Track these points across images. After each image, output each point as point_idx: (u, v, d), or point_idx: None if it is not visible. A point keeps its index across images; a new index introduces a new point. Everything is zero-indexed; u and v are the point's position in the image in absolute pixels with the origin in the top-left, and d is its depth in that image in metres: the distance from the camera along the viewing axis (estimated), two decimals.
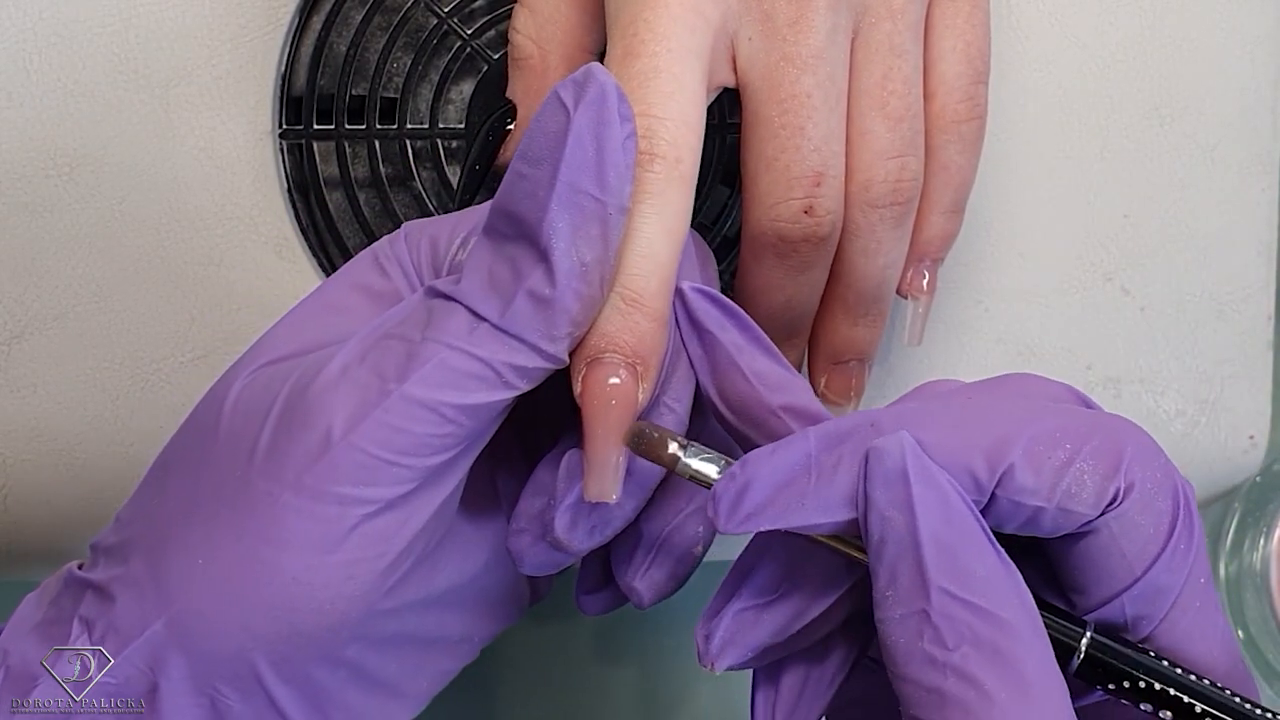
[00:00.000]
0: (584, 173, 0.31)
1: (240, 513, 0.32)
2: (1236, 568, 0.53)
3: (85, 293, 0.43)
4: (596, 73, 0.31)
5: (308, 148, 0.44)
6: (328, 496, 0.32)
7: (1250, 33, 0.47)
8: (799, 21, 0.37)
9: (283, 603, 0.32)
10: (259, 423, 0.32)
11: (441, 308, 0.32)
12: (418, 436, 0.32)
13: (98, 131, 0.43)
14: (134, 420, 0.44)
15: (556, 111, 0.31)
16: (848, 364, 0.41)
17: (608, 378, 0.33)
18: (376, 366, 0.32)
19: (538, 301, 0.32)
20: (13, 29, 0.42)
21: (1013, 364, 0.47)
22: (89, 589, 0.34)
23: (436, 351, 0.32)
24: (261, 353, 0.34)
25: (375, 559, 0.33)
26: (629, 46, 0.35)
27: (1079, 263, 0.47)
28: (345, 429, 0.31)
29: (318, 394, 0.32)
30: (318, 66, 0.44)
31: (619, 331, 0.33)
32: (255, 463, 0.32)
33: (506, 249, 0.32)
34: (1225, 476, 0.50)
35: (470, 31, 0.44)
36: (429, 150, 0.44)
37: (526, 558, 0.35)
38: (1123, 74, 0.47)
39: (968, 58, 0.40)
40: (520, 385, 0.32)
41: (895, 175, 0.38)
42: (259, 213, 0.44)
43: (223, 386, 0.34)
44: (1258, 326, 0.49)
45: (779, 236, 0.38)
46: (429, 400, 0.32)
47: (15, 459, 0.44)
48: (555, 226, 0.31)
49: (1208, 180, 0.48)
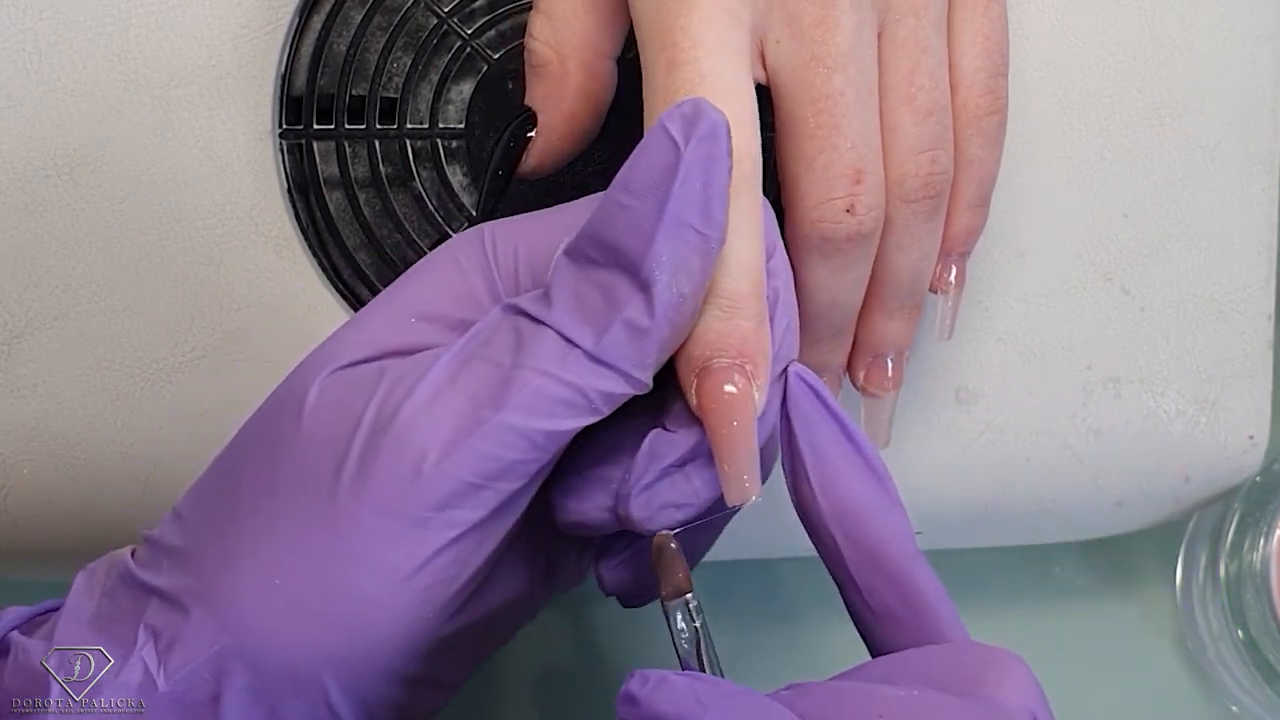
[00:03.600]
0: (691, 207, 0.32)
1: (323, 532, 0.32)
2: (1236, 568, 0.53)
3: (85, 293, 0.43)
4: (706, 108, 0.32)
5: (308, 148, 0.44)
6: (416, 520, 0.32)
7: (1250, 33, 0.47)
8: (825, 21, 0.37)
9: (358, 623, 0.32)
10: (344, 439, 0.32)
11: (531, 331, 0.32)
12: (507, 462, 0.32)
13: (98, 131, 0.43)
14: (134, 420, 0.44)
15: (664, 145, 0.32)
16: (885, 356, 0.41)
17: (724, 386, 0.33)
18: (469, 392, 0.32)
19: (634, 331, 0.32)
20: (13, 29, 0.42)
21: (1013, 364, 0.47)
22: (154, 595, 0.34)
23: (531, 379, 0.32)
24: (337, 354, 0.34)
25: (451, 581, 0.33)
26: (672, 56, 0.35)
27: (1079, 263, 0.47)
28: (440, 455, 0.32)
29: (410, 418, 0.32)
30: (318, 66, 0.44)
31: (723, 336, 0.34)
32: (342, 482, 0.32)
33: (597, 275, 0.32)
34: (1225, 476, 0.50)
35: (470, 31, 0.44)
36: (429, 150, 0.44)
37: (569, 514, 0.36)
38: (1123, 74, 0.47)
39: (987, 52, 0.40)
40: (605, 411, 0.33)
41: (927, 169, 0.38)
42: (259, 213, 0.44)
43: (296, 388, 0.34)
44: (1258, 326, 0.49)
45: (823, 237, 0.37)
46: (523, 427, 0.32)
47: (15, 459, 0.44)
48: (659, 259, 0.32)
49: (1208, 180, 0.48)
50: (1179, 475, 0.49)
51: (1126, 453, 0.48)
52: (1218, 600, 0.53)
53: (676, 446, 0.34)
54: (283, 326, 0.44)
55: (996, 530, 0.50)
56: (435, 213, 0.44)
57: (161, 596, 0.34)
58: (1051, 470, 0.48)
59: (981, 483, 0.48)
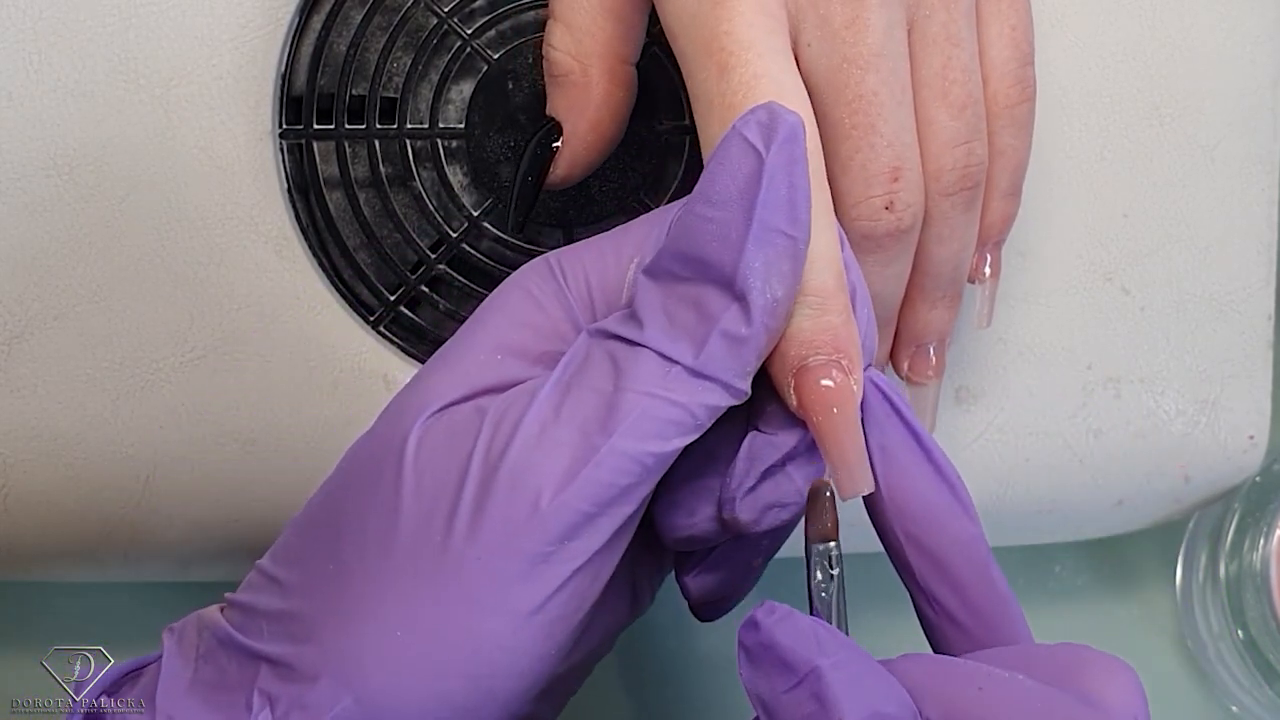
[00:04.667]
0: (779, 213, 0.32)
1: (443, 581, 0.32)
2: (1236, 568, 0.53)
3: (85, 293, 0.43)
4: (782, 112, 0.32)
5: (308, 148, 0.44)
6: (537, 557, 0.32)
7: (1250, 33, 0.47)
8: (855, 22, 0.37)
9: (485, 670, 0.32)
10: (455, 484, 0.32)
11: (626, 354, 0.32)
12: (622, 488, 0.32)
13: (98, 131, 0.43)
14: (134, 420, 0.44)
15: (745, 153, 0.32)
16: (928, 345, 0.42)
17: (823, 381, 0.33)
18: (577, 422, 0.32)
19: (732, 341, 0.32)
20: (13, 29, 0.42)
21: (1013, 363, 0.47)
22: (263, 661, 0.33)
23: (638, 402, 0.32)
24: (429, 398, 0.34)
25: (573, 615, 0.33)
26: (723, 61, 0.35)
27: (1079, 262, 0.47)
28: (557, 489, 0.32)
29: (522, 454, 0.32)
30: (318, 66, 0.44)
31: (816, 334, 0.34)
32: (457, 528, 0.32)
33: (684, 290, 0.32)
34: (1225, 476, 0.50)
35: (470, 31, 0.44)
36: (429, 150, 0.44)
37: (679, 530, 0.36)
38: (1123, 74, 0.47)
39: (1014, 42, 0.40)
40: (707, 424, 0.33)
41: (964, 162, 0.39)
42: (259, 213, 0.44)
43: (393, 436, 0.33)
44: (1258, 326, 0.49)
45: (863, 235, 0.38)
46: (635, 451, 0.32)
47: (15, 459, 0.44)
48: (751, 267, 0.32)
49: (1208, 180, 0.48)
50: (1179, 475, 0.49)
51: (1126, 453, 0.48)
52: (1218, 600, 0.53)
53: (777, 448, 0.35)
54: (283, 326, 0.44)
55: (996, 530, 0.50)
56: (435, 213, 0.44)
57: (271, 662, 0.33)
58: (1051, 470, 0.48)
59: (981, 483, 0.48)
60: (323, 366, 0.44)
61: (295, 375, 0.44)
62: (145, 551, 0.45)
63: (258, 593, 0.34)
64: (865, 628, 0.35)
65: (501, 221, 0.44)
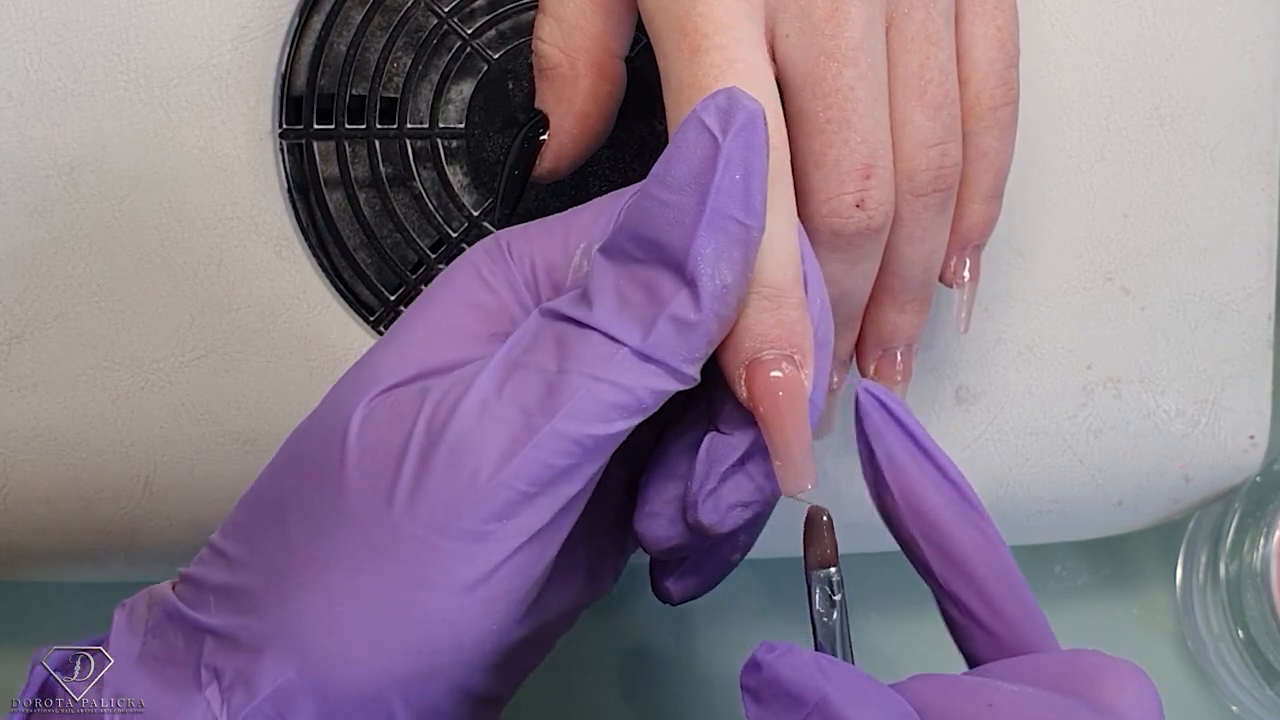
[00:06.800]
0: (732, 199, 0.32)
1: (384, 557, 0.32)
2: (1236, 568, 0.53)
3: (85, 293, 0.43)
4: (742, 98, 0.32)
5: (308, 148, 0.44)
6: (476, 535, 0.32)
7: (1250, 33, 0.47)
8: (835, 15, 0.37)
9: (427, 644, 0.32)
10: (394, 462, 0.32)
11: (573, 335, 0.32)
12: (563, 469, 0.32)
13: (98, 131, 0.43)
14: (134, 420, 0.44)
15: (702, 137, 0.31)
16: (896, 349, 0.41)
17: (773, 373, 0.33)
18: (518, 401, 0.32)
19: (681, 326, 0.32)
20: (13, 29, 0.42)
21: (1013, 363, 0.47)
22: (208, 634, 0.33)
23: (581, 384, 0.32)
24: (374, 379, 0.34)
25: (515, 591, 0.33)
26: (695, 43, 0.35)
27: (1079, 263, 0.47)
28: (495, 467, 0.31)
29: (461, 432, 0.32)
30: (318, 66, 0.44)
31: (770, 328, 0.34)
32: (396, 504, 0.32)
33: (637, 272, 0.32)
34: (1225, 476, 0.50)
35: (470, 31, 0.44)
36: (429, 150, 0.44)
37: (662, 541, 0.36)
38: (1123, 74, 0.47)
39: (999, 43, 0.40)
40: (654, 408, 0.33)
41: (938, 163, 0.38)
42: (259, 213, 0.44)
43: (338, 415, 0.34)
44: (1258, 326, 0.49)
45: (833, 232, 0.37)
46: (576, 433, 0.32)
47: (15, 459, 0.44)
48: (702, 252, 0.32)
49: (1208, 180, 0.48)
50: (1179, 475, 0.49)
51: (1126, 453, 0.48)
52: (1218, 600, 0.53)
53: (734, 447, 0.35)
54: (283, 326, 0.44)
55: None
56: (435, 213, 0.44)
57: (217, 635, 0.33)
58: (1051, 470, 0.48)
59: (982, 483, 0.47)
60: (323, 366, 0.44)
61: (295, 375, 0.44)
62: (145, 551, 0.45)
63: (207, 567, 0.34)
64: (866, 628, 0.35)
65: (502, 221, 0.44)
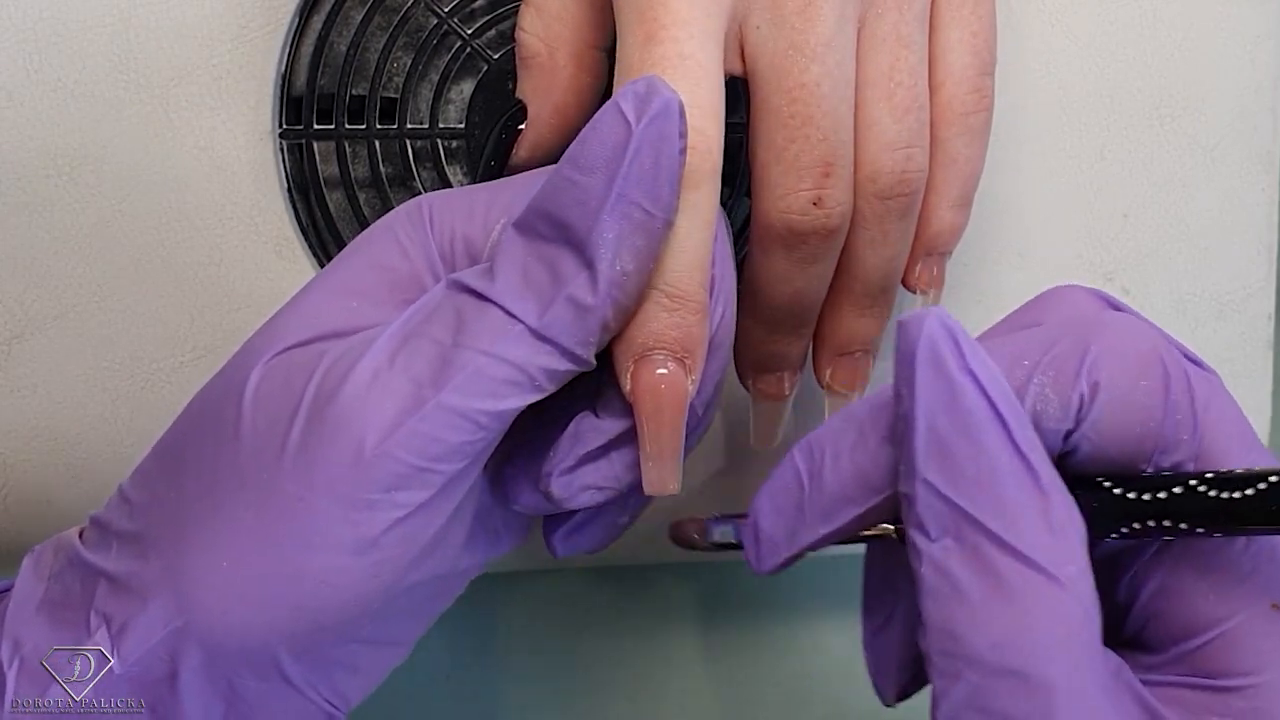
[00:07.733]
0: (639, 186, 0.31)
1: (268, 516, 0.32)
2: None
3: (85, 293, 0.43)
4: (660, 87, 0.31)
5: (308, 148, 0.44)
6: (360, 503, 0.32)
7: (1250, 33, 0.47)
8: (807, 10, 0.36)
9: (310, 602, 0.32)
10: (285, 422, 0.32)
11: (473, 308, 0.32)
12: (451, 444, 0.32)
13: (98, 131, 0.43)
14: (134, 420, 0.44)
15: (616, 122, 0.31)
16: (854, 355, 0.41)
17: (659, 373, 0.33)
18: (409, 371, 0.32)
19: (577, 308, 0.32)
20: (13, 29, 0.42)
21: None
22: (103, 578, 0.34)
23: (472, 359, 0.32)
24: (276, 338, 0.34)
25: (401, 557, 0.33)
26: (650, 31, 0.35)
27: (1079, 263, 0.47)
28: (380, 438, 0.31)
29: (349, 400, 0.32)
30: (318, 66, 0.44)
31: (666, 329, 0.34)
32: (284, 465, 0.32)
33: (543, 250, 0.32)
34: None
35: (470, 31, 0.44)
36: (429, 150, 0.44)
37: (523, 504, 0.36)
38: (1123, 74, 0.47)
39: (974, 49, 0.40)
40: (549, 388, 0.33)
41: (902, 167, 0.38)
42: (259, 213, 0.44)
43: (237, 374, 0.34)
44: (1258, 326, 0.49)
45: (788, 228, 0.37)
46: (465, 408, 0.32)
47: (15, 459, 0.44)
48: (604, 236, 0.32)
49: (1208, 180, 0.48)
50: None
51: None
52: None
53: (602, 433, 0.35)
54: None
55: None
56: None
57: (111, 580, 0.34)
58: None
59: None
60: None
61: None
62: None
63: (113, 512, 0.35)
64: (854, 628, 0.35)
65: None
